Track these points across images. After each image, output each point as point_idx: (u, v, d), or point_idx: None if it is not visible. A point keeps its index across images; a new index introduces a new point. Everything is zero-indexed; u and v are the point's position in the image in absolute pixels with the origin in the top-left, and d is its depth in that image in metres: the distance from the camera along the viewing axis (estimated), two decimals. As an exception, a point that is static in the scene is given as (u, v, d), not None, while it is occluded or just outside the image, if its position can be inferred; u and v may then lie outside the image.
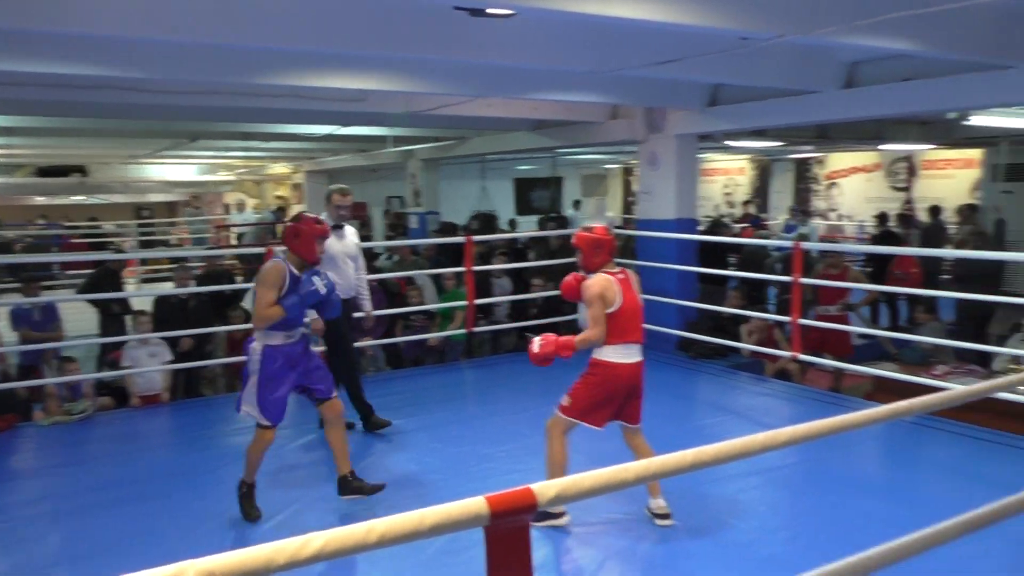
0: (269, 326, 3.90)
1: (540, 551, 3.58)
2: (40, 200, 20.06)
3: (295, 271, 3.98)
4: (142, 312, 6.81)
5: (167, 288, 9.03)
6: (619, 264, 4.02)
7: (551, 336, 3.87)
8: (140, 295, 9.04)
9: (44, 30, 4.28)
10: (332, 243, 5.18)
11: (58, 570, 3.69)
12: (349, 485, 4.15)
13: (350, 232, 5.42)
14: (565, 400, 3.90)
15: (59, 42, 5.00)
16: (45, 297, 8.22)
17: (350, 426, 5.28)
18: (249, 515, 4.05)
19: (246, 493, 4.10)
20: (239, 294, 8.24)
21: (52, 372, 6.47)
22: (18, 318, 7.39)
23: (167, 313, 6.94)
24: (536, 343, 3.86)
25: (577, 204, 17.39)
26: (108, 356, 7.20)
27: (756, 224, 14.39)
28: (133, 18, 4.22)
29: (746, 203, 16.76)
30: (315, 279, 3.99)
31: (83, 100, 6.64)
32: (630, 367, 3.90)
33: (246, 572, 1.31)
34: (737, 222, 16.00)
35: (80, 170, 17.11)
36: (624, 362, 3.87)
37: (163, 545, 3.81)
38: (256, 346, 3.97)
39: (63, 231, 17.57)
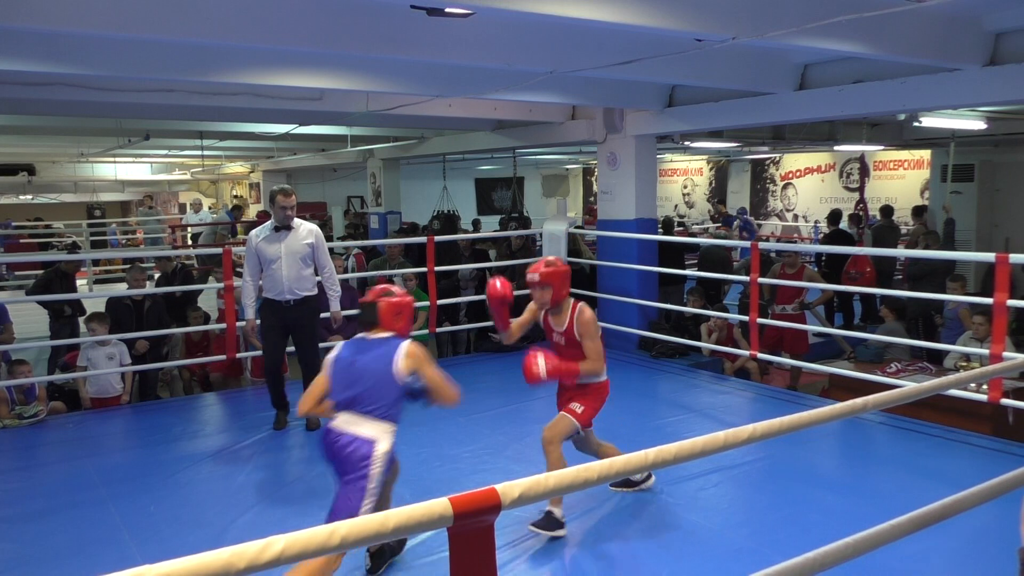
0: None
1: (503, 552, 3.57)
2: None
3: None
4: (99, 314, 6.65)
5: (121, 289, 8.84)
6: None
7: (554, 358, 3.75)
8: (93, 296, 8.82)
9: (-10, 24, 4.15)
10: (269, 246, 5.19)
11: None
12: None
13: (304, 232, 5.36)
14: (578, 408, 3.90)
15: (5, 37, 4.86)
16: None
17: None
18: None
19: None
20: (196, 295, 8.11)
21: (2, 375, 6.29)
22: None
23: (121, 314, 6.79)
24: (540, 364, 3.69)
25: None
26: (61, 359, 7.03)
27: (746, 226, 14.62)
28: (84, 13, 4.11)
29: (719, 202, 16.96)
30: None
31: (31, 97, 6.46)
32: None
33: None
34: (714, 220, 16.19)
35: (28, 169, 16.64)
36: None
37: (120, 550, 3.72)
38: (384, 449, 3.19)
39: (11, 231, 17.07)
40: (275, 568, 1.38)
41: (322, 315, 5.64)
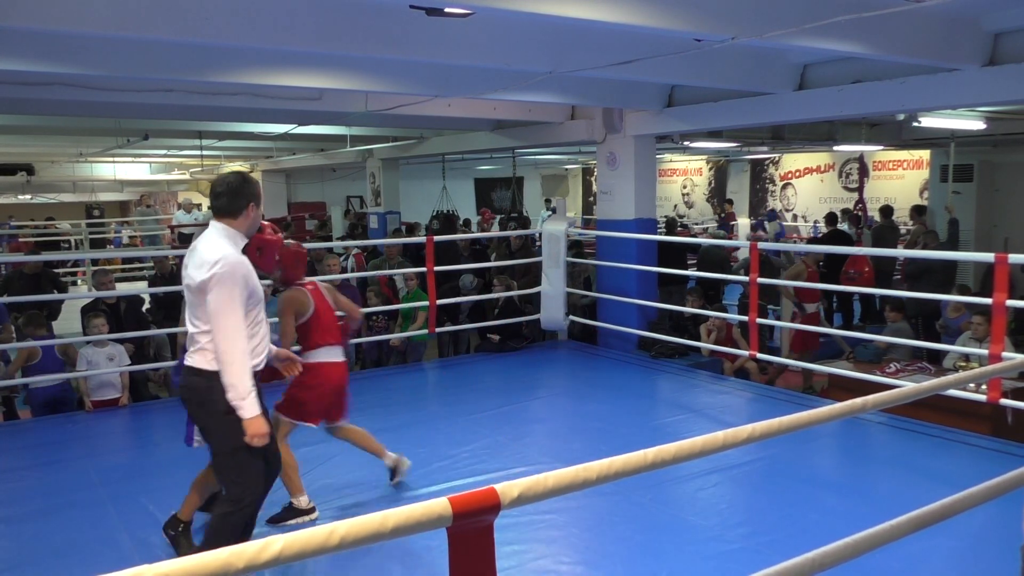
0: None
1: (501, 550, 3.57)
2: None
3: None
4: (101, 311, 6.63)
5: (121, 288, 8.82)
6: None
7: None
8: (75, 297, 8.76)
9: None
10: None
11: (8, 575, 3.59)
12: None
13: None
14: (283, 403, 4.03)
15: (4, 37, 4.85)
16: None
17: None
18: None
19: None
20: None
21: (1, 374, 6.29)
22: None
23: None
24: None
25: (548, 203, 17.36)
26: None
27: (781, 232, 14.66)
28: (83, 13, 4.11)
29: (727, 201, 16.96)
30: None
31: (30, 97, 6.46)
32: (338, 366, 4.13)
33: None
34: (720, 221, 16.19)
35: (27, 168, 16.63)
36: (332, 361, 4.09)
37: (118, 550, 3.72)
38: None
39: (10, 230, 17.07)
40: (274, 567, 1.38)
41: None
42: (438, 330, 7.66)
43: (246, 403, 3.01)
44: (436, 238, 7.87)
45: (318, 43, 4.78)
